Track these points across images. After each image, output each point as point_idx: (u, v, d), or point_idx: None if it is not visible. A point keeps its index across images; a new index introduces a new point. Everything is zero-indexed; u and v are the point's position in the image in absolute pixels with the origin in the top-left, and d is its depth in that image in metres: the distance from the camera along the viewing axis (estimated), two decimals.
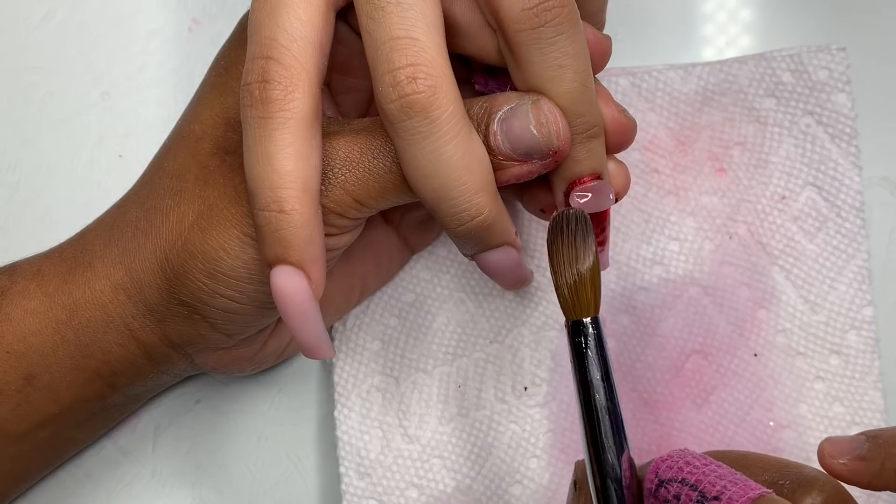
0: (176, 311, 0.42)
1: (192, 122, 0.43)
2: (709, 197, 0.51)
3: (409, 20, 0.35)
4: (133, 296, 0.42)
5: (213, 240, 0.40)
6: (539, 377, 0.49)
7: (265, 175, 0.36)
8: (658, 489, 0.36)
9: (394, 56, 0.35)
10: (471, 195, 0.37)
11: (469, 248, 0.40)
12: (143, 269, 0.42)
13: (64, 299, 0.43)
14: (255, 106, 0.36)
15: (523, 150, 0.37)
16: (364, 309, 0.50)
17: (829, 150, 0.50)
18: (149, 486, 0.51)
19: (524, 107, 0.37)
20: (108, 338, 0.43)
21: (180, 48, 0.55)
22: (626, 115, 0.40)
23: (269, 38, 0.36)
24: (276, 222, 0.36)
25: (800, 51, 0.51)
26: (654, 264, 0.50)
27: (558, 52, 0.36)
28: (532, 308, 0.50)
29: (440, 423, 0.49)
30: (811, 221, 0.50)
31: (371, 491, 0.48)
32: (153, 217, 0.42)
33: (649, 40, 0.54)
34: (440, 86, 0.35)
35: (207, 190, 0.41)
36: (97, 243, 0.44)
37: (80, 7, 0.55)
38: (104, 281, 0.43)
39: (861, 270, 0.50)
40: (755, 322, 0.50)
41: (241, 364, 0.47)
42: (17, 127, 0.54)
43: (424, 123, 0.35)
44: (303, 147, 0.36)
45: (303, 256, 0.37)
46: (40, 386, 0.43)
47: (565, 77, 0.37)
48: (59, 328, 0.43)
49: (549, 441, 0.49)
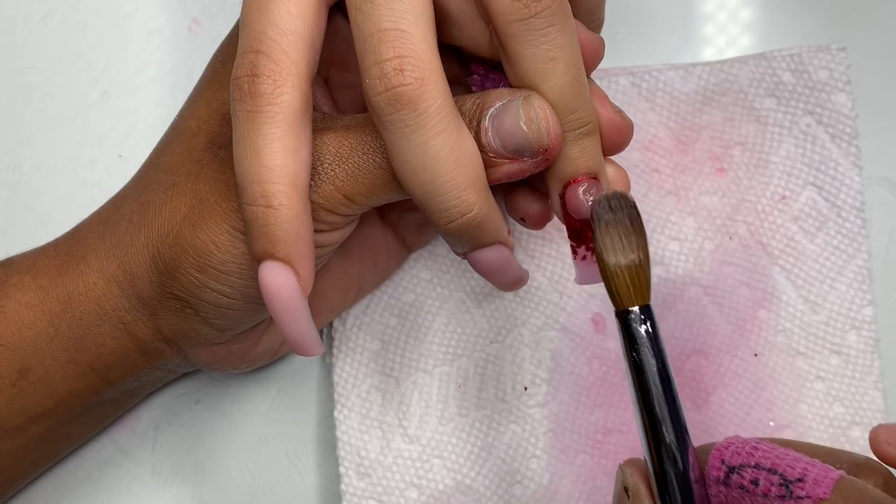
0: (168, 305, 0.42)
1: (188, 117, 0.43)
2: (709, 197, 0.51)
3: (397, 12, 0.35)
4: (126, 289, 0.42)
5: (204, 234, 0.40)
6: (539, 377, 0.49)
7: (253, 169, 0.36)
8: (729, 476, 0.35)
9: (381, 48, 0.35)
10: (460, 191, 0.36)
11: (460, 247, 0.39)
12: (136, 262, 0.42)
13: (58, 292, 0.43)
14: (244, 100, 0.36)
15: (513, 148, 0.37)
16: (364, 309, 0.50)
17: (829, 150, 0.50)
18: (149, 486, 0.51)
19: (515, 103, 0.37)
20: (101, 330, 0.43)
21: (180, 48, 0.55)
22: (622, 116, 0.39)
23: (259, 32, 0.36)
24: (264, 217, 0.36)
25: (800, 51, 0.51)
26: (655, 264, 0.50)
27: (549, 45, 0.36)
28: (532, 308, 0.50)
29: (440, 423, 0.49)
30: (811, 221, 0.50)
31: (371, 491, 0.48)
32: (146, 211, 0.42)
33: (649, 40, 0.54)
34: (428, 78, 0.35)
35: (199, 184, 0.41)
36: (91, 237, 0.44)
37: (79, 7, 0.55)
38: (97, 274, 0.43)
39: (861, 270, 0.50)
40: (755, 322, 0.50)
41: (235, 361, 0.47)
42: (17, 127, 0.54)
43: (412, 116, 0.35)
44: (291, 141, 0.36)
45: (290, 251, 0.36)
46: (34, 379, 0.43)
47: (557, 70, 0.37)
48: (54, 321, 0.43)
49: (550, 441, 0.49)
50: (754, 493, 0.35)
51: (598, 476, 0.49)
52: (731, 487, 0.35)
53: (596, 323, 0.50)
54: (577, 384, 0.49)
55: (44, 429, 0.45)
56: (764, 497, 0.34)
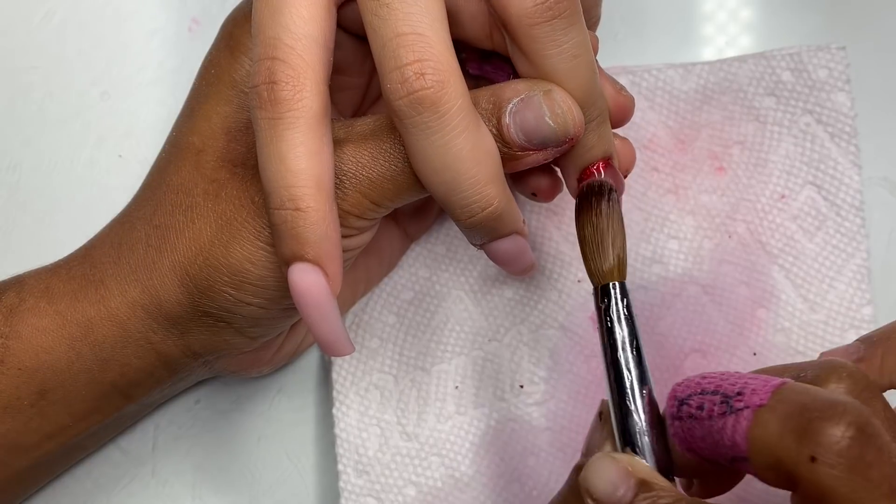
0: (200, 322, 0.42)
1: (188, 133, 0.43)
2: (708, 195, 0.51)
3: (414, 16, 0.35)
4: (152, 312, 0.42)
5: (238, 253, 0.40)
6: (537, 376, 0.49)
7: (279, 175, 0.36)
8: (680, 409, 0.36)
9: (400, 52, 0.35)
10: (481, 187, 0.37)
11: (478, 238, 0.40)
12: (161, 285, 0.42)
13: (77, 317, 0.42)
14: (265, 108, 0.36)
15: (539, 141, 0.38)
16: (363, 307, 0.50)
17: (828, 149, 0.50)
18: (149, 486, 0.51)
19: (536, 98, 0.37)
20: (126, 352, 0.43)
21: (180, 48, 0.55)
22: (624, 93, 0.41)
23: (273, 39, 0.37)
24: (292, 220, 0.36)
25: (799, 50, 0.51)
26: (654, 263, 0.50)
27: (570, 43, 0.37)
28: (531, 307, 0.50)
29: (438, 421, 0.49)
30: (810, 220, 0.50)
31: (369, 488, 0.48)
32: (166, 234, 0.42)
33: (649, 40, 0.54)
34: (448, 80, 0.35)
35: (221, 205, 0.41)
36: (106, 261, 0.43)
37: (79, 7, 0.55)
38: (119, 298, 0.42)
39: (860, 269, 0.50)
40: (754, 321, 0.50)
41: (260, 366, 0.47)
42: (17, 127, 0.54)
43: (434, 118, 0.36)
44: (314, 144, 0.36)
45: (319, 252, 0.37)
46: (54, 400, 0.43)
47: (580, 66, 0.37)
48: (74, 345, 0.42)
49: (547, 439, 0.49)
50: (701, 418, 0.35)
51: None
52: (683, 419, 0.36)
53: (595, 322, 0.50)
54: (576, 382, 0.49)
55: (61, 445, 0.44)
56: (710, 419, 0.34)
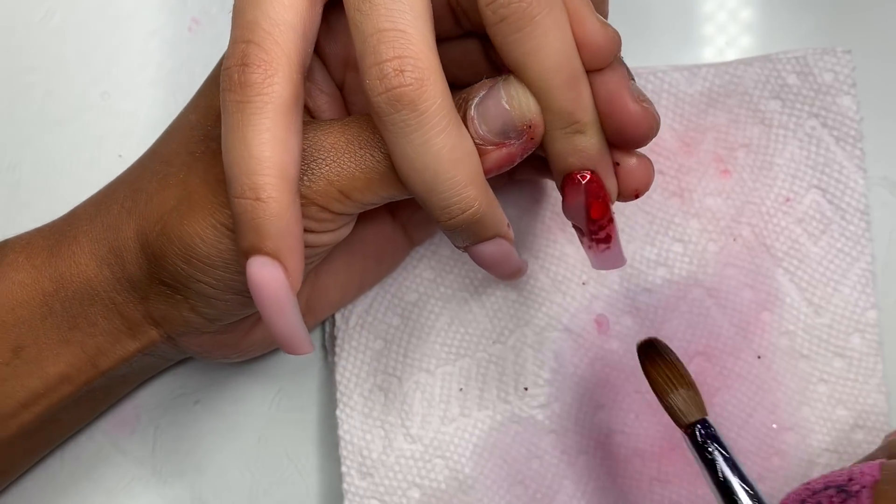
0: (158, 290, 0.42)
1: (190, 111, 0.43)
2: (713, 198, 0.50)
3: (396, 12, 0.35)
4: (116, 272, 0.43)
5: (190, 226, 0.40)
6: (542, 378, 0.49)
7: (242, 161, 0.35)
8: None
9: (381, 48, 0.35)
10: (460, 188, 0.36)
11: (461, 241, 0.39)
12: (126, 247, 0.42)
13: (51, 272, 0.43)
14: (234, 90, 0.36)
15: (499, 129, 0.37)
16: (367, 308, 0.50)
17: (833, 153, 0.50)
18: (149, 486, 0.50)
19: (497, 86, 0.37)
20: (93, 310, 0.43)
21: (180, 48, 0.55)
22: (645, 105, 0.38)
23: (251, 22, 0.36)
24: (252, 210, 0.35)
25: (805, 53, 0.51)
26: (658, 266, 0.50)
27: (527, 39, 0.36)
28: (535, 309, 0.50)
29: (442, 423, 0.49)
30: (815, 224, 0.50)
31: (373, 491, 0.48)
32: (138, 197, 0.42)
33: (649, 40, 0.54)
34: (428, 78, 0.35)
35: (190, 177, 0.41)
36: (84, 218, 0.44)
37: (79, 7, 0.55)
38: (89, 255, 0.43)
39: (865, 273, 0.50)
40: (759, 324, 0.50)
41: (226, 350, 0.46)
42: (17, 127, 0.54)
43: (412, 116, 0.35)
44: (281, 133, 0.36)
45: (279, 246, 0.36)
46: (28, 359, 0.43)
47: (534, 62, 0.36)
48: (47, 299, 0.43)
49: (552, 442, 0.49)
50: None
51: (599, 477, 0.49)
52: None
53: (599, 324, 0.50)
54: (580, 385, 0.49)
55: (35, 415, 0.45)
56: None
